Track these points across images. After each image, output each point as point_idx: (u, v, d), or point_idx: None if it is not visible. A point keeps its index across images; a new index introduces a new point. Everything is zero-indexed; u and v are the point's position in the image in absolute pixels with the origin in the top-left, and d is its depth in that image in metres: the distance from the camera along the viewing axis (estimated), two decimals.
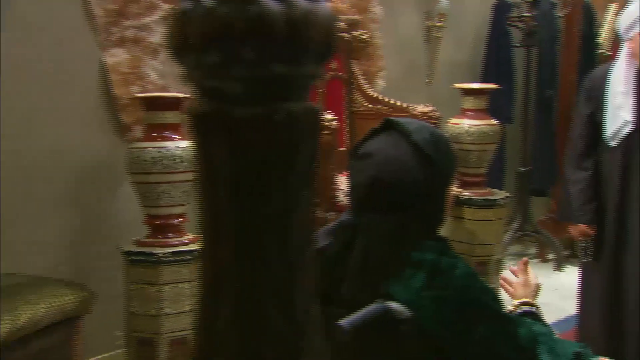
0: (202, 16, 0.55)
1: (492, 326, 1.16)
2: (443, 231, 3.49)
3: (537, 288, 1.53)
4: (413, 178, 1.18)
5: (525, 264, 1.56)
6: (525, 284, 1.52)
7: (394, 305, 1.11)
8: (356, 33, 3.24)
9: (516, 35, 4.24)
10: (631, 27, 2.26)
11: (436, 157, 1.21)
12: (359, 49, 3.26)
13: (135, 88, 2.66)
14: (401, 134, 1.22)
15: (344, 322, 1.06)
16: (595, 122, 2.40)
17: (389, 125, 1.25)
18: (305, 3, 0.56)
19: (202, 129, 0.62)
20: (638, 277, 2.33)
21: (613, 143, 2.33)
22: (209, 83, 0.60)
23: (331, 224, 1.33)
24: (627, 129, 2.29)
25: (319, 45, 0.58)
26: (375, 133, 1.26)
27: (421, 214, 1.21)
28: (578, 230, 2.48)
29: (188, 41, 0.57)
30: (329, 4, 0.58)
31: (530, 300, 1.48)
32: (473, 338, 1.14)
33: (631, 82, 2.30)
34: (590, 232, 2.44)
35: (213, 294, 0.60)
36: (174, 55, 0.60)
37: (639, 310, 2.34)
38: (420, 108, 2.96)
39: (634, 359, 2.36)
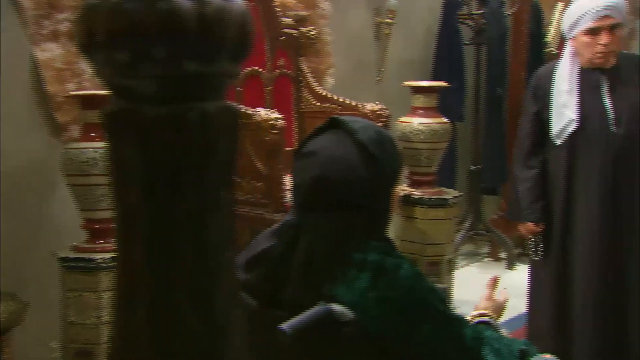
0: (109, 12, 0.54)
1: (437, 326, 1.15)
2: (394, 231, 3.46)
3: (501, 306, 1.52)
4: (357, 177, 1.18)
5: (495, 280, 1.56)
6: (489, 298, 1.51)
7: (337, 307, 1.10)
8: (304, 29, 3.19)
9: (466, 33, 4.25)
10: (573, 26, 2.27)
11: (381, 156, 1.20)
12: (307, 46, 3.21)
13: (70, 85, 2.54)
14: (346, 133, 1.21)
15: (285, 325, 1.04)
16: (542, 120, 2.41)
17: (334, 124, 1.24)
18: (218, 0, 0.55)
19: (113, 129, 0.61)
20: (584, 274, 2.35)
21: (558, 141, 2.34)
22: (118, 81, 0.58)
23: (275, 225, 1.31)
24: (571, 128, 2.30)
25: (233, 43, 0.57)
26: (319, 131, 1.25)
27: (366, 213, 1.20)
28: (527, 228, 2.49)
29: (95, 38, 0.55)
30: (242, 1, 0.56)
31: (488, 313, 1.47)
32: (418, 338, 1.13)
33: (575, 80, 2.31)
34: (539, 230, 2.45)
35: (127, 297, 0.59)
36: (81, 52, 0.58)
37: (586, 307, 2.36)
38: (370, 106, 2.91)
39: (581, 356, 2.38)
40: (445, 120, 3.30)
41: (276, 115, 2.48)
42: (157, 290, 0.57)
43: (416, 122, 3.22)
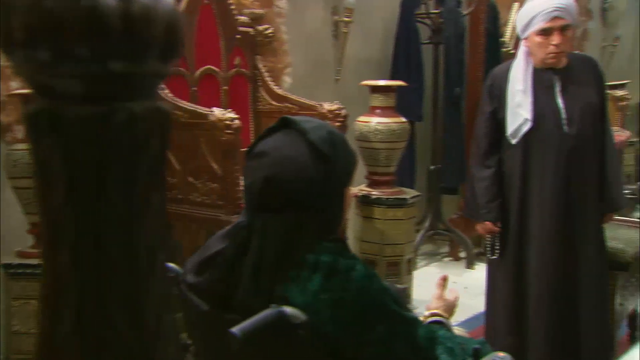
0: (28, 8, 0.52)
1: (390, 327, 1.15)
2: (353, 232, 3.41)
3: (453, 305, 1.54)
4: (309, 176, 1.17)
5: (444, 280, 1.57)
6: (440, 297, 1.52)
7: (289, 310, 1.09)
8: (260, 28, 3.14)
9: (424, 32, 4.26)
10: (526, 27, 2.30)
11: (333, 157, 1.20)
12: (264, 45, 3.16)
13: (13, 84, 2.44)
14: (298, 133, 1.20)
15: (236, 328, 1.03)
16: (498, 119, 2.41)
17: (285, 124, 1.23)
18: None
19: (35, 129, 0.59)
20: (538, 272, 2.37)
21: (514, 141, 2.35)
22: (40, 80, 0.56)
23: (227, 227, 1.29)
24: (526, 127, 2.31)
25: (161, 43, 0.56)
26: (271, 131, 1.24)
27: (317, 214, 1.20)
28: (484, 227, 2.49)
29: (14, 34, 0.53)
30: (171, 1, 0.55)
31: (440, 312, 1.48)
32: (371, 339, 1.13)
33: (529, 80, 2.33)
34: (496, 229, 2.46)
35: (53, 304, 0.57)
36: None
37: (540, 305, 2.38)
38: (328, 106, 2.89)
39: (536, 354, 2.40)
40: (403, 119, 3.30)
41: (231, 115, 2.43)
42: (84, 298, 0.55)
43: (374, 121, 3.21)
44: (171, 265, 1.38)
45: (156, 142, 0.58)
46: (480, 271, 4.03)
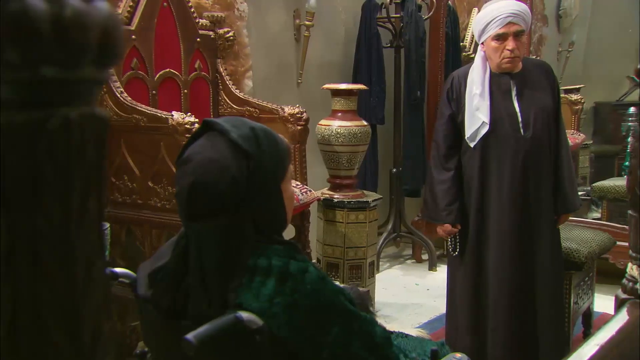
0: None
1: (346, 327, 1.15)
2: (316, 235, 3.39)
3: None
4: (231, 178, 1.14)
5: None
6: None
7: (245, 315, 1.07)
8: (221, 31, 3.12)
9: (385, 36, 4.29)
10: (482, 32, 2.34)
11: (257, 153, 1.16)
12: (225, 48, 3.14)
13: None
14: (219, 134, 1.18)
15: (190, 335, 1.01)
16: (457, 123, 2.44)
17: (208, 127, 1.21)
18: (78, 3, 0.52)
19: None
20: (497, 272, 2.40)
21: (472, 144, 2.38)
22: None
23: (176, 235, 1.27)
24: (484, 131, 2.35)
25: (97, 48, 0.54)
26: (196, 136, 1.22)
27: (251, 215, 1.17)
28: (444, 229, 2.51)
29: None
30: (107, 5, 0.55)
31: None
32: (328, 341, 1.12)
33: (487, 84, 2.36)
34: (455, 230, 2.48)
35: None
36: None
37: (498, 304, 2.41)
38: (289, 109, 2.89)
39: (495, 352, 2.43)
40: (364, 123, 3.31)
41: (191, 119, 2.41)
42: (18, 309, 0.54)
43: (336, 125, 3.22)
44: (127, 271, 1.36)
45: (93, 148, 0.57)
46: (442, 273, 4.05)
